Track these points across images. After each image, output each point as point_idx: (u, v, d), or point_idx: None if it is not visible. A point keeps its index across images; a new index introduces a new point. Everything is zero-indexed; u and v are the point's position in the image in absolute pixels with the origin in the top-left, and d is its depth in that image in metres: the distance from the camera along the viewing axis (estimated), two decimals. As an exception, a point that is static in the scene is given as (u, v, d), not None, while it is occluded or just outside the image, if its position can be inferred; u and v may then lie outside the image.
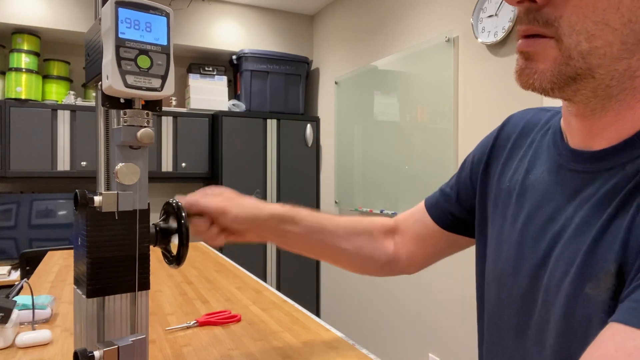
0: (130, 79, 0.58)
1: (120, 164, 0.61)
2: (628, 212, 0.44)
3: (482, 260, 0.67)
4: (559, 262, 0.50)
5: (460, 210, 0.74)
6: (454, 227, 0.75)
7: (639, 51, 0.43)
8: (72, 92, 2.93)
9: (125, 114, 0.62)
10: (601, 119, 0.48)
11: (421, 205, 0.81)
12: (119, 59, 0.58)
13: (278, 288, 3.25)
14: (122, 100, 0.62)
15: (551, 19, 0.44)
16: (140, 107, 0.63)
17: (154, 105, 0.65)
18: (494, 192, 0.65)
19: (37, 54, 2.84)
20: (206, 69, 3.27)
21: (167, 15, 0.62)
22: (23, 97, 2.73)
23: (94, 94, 3.05)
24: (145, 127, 0.62)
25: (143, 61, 0.59)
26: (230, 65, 3.42)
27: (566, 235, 0.50)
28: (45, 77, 2.90)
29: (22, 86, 2.73)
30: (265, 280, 3.19)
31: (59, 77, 2.93)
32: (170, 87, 0.62)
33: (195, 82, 3.23)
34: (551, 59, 0.45)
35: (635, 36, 0.42)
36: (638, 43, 0.43)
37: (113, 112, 0.65)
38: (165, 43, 0.62)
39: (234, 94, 3.47)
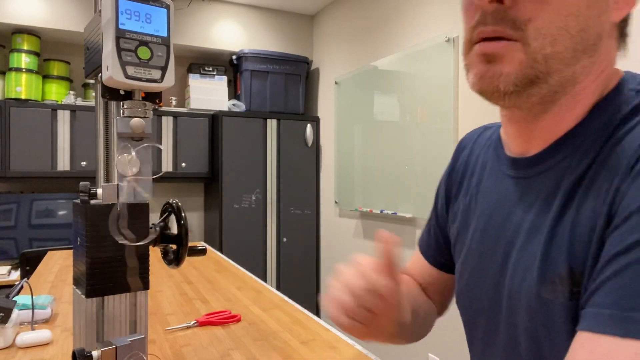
0: (130, 70, 0.59)
1: (120, 155, 0.61)
2: (570, 214, 0.46)
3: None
4: (517, 269, 0.51)
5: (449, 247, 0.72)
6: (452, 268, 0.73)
7: (584, 58, 0.46)
8: (72, 92, 2.93)
9: (124, 105, 0.62)
10: (543, 121, 0.50)
11: (419, 257, 0.78)
12: (119, 49, 0.58)
13: (278, 288, 3.24)
14: (122, 92, 0.62)
15: (519, 22, 0.44)
16: (140, 99, 0.63)
17: (154, 97, 0.65)
18: (458, 215, 0.66)
19: (37, 54, 2.84)
20: (206, 69, 3.26)
21: (167, 7, 0.62)
22: (23, 97, 2.73)
23: (94, 94, 3.05)
24: (138, 117, 0.62)
25: (143, 52, 0.59)
26: (230, 65, 3.42)
27: (519, 242, 0.52)
28: (45, 77, 2.90)
29: (22, 86, 2.73)
30: (265, 280, 3.19)
31: (59, 77, 2.93)
32: (170, 79, 0.62)
33: (195, 82, 3.23)
34: (517, 62, 0.45)
35: (583, 44, 0.45)
36: (584, 50, 0.45)
37: (113, 105, 0.65)
38: (165, 34, 0.62)
39: (234, 94, 3.47)
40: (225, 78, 3.32)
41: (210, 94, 3.25)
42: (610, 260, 0.40)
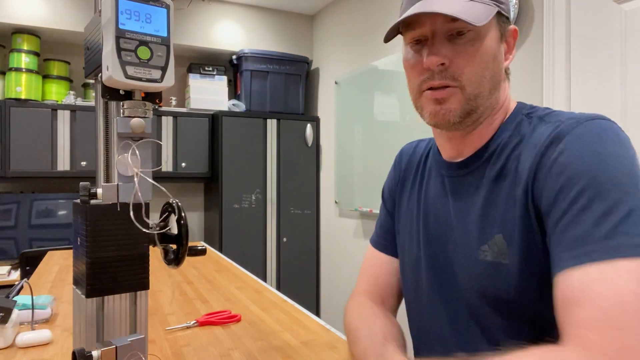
0: (130, 70, 0.59)
1: (120, 155, 0.61)
2: (496, 199, 0.67)
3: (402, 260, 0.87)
4: (456, 241, 0.72)
5: None
6: None
7: (495, 93, 0.70)
8: (72, 92, 2.93)
9: (124, 105, 0.62)
10: (472, 136, 0.73)
11: (376, 256, 0.92)
12: (119, 49, 0.58)
13: (278, 288, 3.24)
14: (121, 92, 0.62)
15: (456, 75, 0.67)
16: (140, 99, 0.63)
17: (153, 97, 0.65)
18: (405, 206, 0.86)
19: (37, 54, 2.83)
20: (206, 69, 3.26)
21: (167, 7, 0.62)
22: (23, 97, 2.73)
23: (94, 94, 3.05)
24: (138, 117, 0.62)
25: (143, 52, 0.59)
26: (230, 65, 3.42)
27: (454, 222, 0.73)
28: (45, 77, 2.90)
29: (22, 86, 2.73)
30: (265, 280, 3.19)
31: (59, 77, 2.93)
32: (170, 79, 0.62)
33: (195, 82, 3.23)
34: (458, 102, 0.68)
35: (494, 84, 0.69)
36: (495, 88, 0.70)
37: (113, 105, 0.65)
38: (165, 34, 0.62)
39: (234, 93, 3.47)
40: (225, 78, 3.32)
41: (210, 94, 3.25)
42: (557, 221, 0.58)
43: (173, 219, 0.70)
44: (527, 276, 0.63)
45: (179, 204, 0.70)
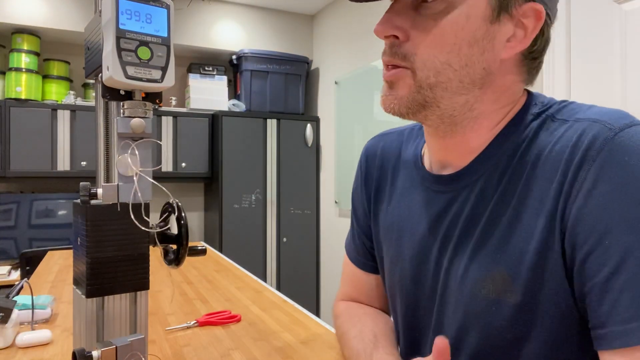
0: (130, 70, 0.59)
1: (120, 155, 0.61)
2: (497, 222, 0.54)
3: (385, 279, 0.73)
4: (451, 271, 0.58)
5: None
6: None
7: (474, 90, 0.54)
8: (72, 92, 2.93)
9: (124, 105, 0.62)
10: (452, 139, 0.58)
11: (351, 268, 0.83)
12: (119, 49, 0.58)
13: (278, 288, 3.24)
14: (122, 92, 0.62)
15: (408, 54, 0.53)
16: (141, 99, 0.63)
17: (154, 98, 0.65)
18: (382, 222, 0.72)
19: (37, 54, 2.84)
20: (206, 68, 3.26)
21: (168, 7, 0.62)
22: (23, 97, 2.73)
23: (94, 94, 3.05)
24: (138, 117, 0.62)
25: (143, 52, 0.59)
26: (230, 65, 3.42)
27: (450, 246, 0.59)
28: (45, 77, 2.90)
29: (22, 86, 2.73)
30: (265, 280, 3.19)
31: (59, 77, 2.93)
32: (170, 79, 0.62)
33: (195, 82, 3.23)
34: (407, 87, 0.54)
35: (470, 77, 0.53)
36: (472, 83, 0.53)
37: (113, 105, 0.65)
38: (165, 35, 0.62)
39: (234, 93, 3.47)
40: (225, 78, 3.32)
41: (210, 94, 3.25)
42: (607, 281, 0.45)
43: (173, 219, 0.70)
44: (534, 316, 0.52)
45: (179, 204, 0.70)
